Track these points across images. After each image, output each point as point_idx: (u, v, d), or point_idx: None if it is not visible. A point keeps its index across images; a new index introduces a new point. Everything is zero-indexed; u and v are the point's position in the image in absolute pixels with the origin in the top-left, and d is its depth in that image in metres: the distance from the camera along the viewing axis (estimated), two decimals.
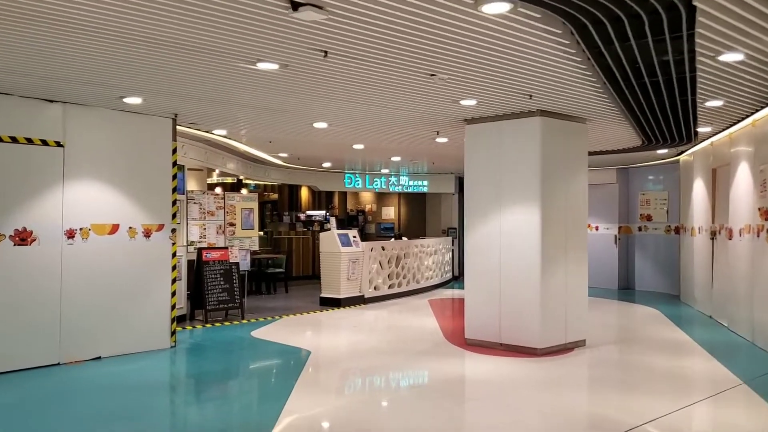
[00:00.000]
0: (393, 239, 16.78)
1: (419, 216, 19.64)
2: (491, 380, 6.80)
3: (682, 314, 11.52)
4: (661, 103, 7.36)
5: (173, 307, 8.30)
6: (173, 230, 8.29)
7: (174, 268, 8.31)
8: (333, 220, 12.41)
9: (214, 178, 20.18)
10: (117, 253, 7.75)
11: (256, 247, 11.42)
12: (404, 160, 14.25)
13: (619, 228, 15.66)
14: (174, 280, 8.31)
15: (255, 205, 11.38)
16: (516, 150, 8.15)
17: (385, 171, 17.25)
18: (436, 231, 18.83)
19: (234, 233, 10.95)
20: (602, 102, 7.32)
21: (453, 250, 17.51)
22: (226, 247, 10.53)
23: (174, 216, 8.33)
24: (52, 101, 7.24)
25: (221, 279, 10.28)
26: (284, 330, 9.73)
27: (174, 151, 8.35)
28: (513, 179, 8.16)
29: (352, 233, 12.62)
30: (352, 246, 12.34)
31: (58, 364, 7.25)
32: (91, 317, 7.53)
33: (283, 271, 14.37)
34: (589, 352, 8.15)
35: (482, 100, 7.22)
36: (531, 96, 7.03)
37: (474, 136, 8.56)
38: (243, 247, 11.05)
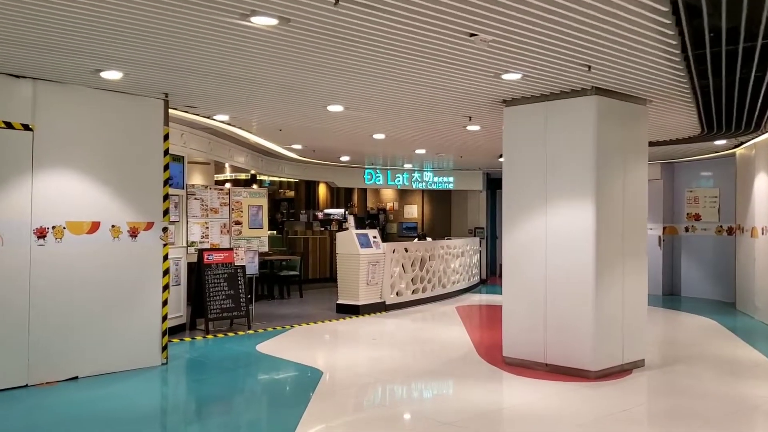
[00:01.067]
0: (416, 240, 15.57)
1: (444, 215, 18.38)
2: (539, 414, 5.56)
3: (743, 326, 10.16)
4: (744, 79, 6.08)
5: (165, 318, 7.17)
6: (164, 229, 7.16)
7: (166, 272, 7.19)
8: (351, 218, 11.25)
9: (227, 174, 19.17)
10: (97, 255, 6.64)
11: (266, 248, 10.29)
12: (429, 153, 13.02)
13: (664, 228, 14.30)
14: (166, 287, 7.18)
15: (264, 202, 10.24)
16: (565, 136, 6.90)
17: (407, 166, 16.04)
18: (462, 231, 17.58)
19: (240, 233, 9.83)
20: (674, 76, 6.05)
21: (480, 252, 16.26)
22: (231, 249, 9.41)
23: (166, 213, 7.21)
24: (19, 77, 6.15)
25: (225, 284, 9.16)
26: (294, 343, 8.57)
27: (166, 137, 7.22)
28: (562, 171, 6.91)
29: (372, 233, 11.44)
30: (372, 247, 11.16)
31: (26, 386, 6.15)
32: (66, 331, 6.43)
33: (298, 274, 13.23)
34: (650, 376, 6.89)
35: (529, 72, 5.98)
36: (590, 67, 5.78)
37: (514, 121, 7.32)
38: (250, 248, 9.92)
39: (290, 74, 6.10)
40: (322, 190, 20.47)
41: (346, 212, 19.56)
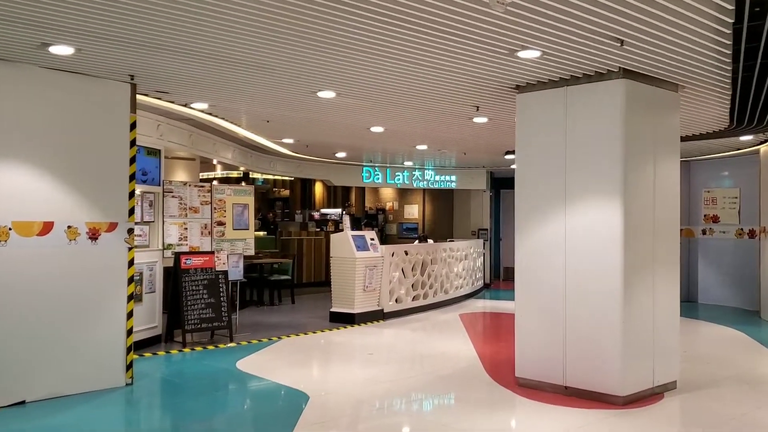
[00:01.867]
0: (417, 241, 14.69)
1: (446, 216, 17.50)
2: None
3: None
4: None
5: (130, 332, 6.29)
6: (130, 231, 6.29)
7: (131, 280, 6.31)
8: (347, 219, 10.36)
9: (217, 172, 18.30)
10: (50, 260, 5.76)
11: (252, 251, 9.41)
12: (431, 149, 12.13)
13: (680, 231, 13.40)
14: (131, 297, 6.31)
15: (250, 200, 9.36)
16: (588, 126, 6.02)
17: (408, 164, 15.16)
18: (465, 232, 16.70)
19: (223, 234, 8.95)
20: (716, 55, 5.17)
21: (484, 254, 15.38)
22: (212, 252, 8.52)
23: (132, 212, 6.33)
24: None
25: (205, 291, 8.28)
26: (280, 359, 7.70)
27: (133, 126, 6.34)
28: (584, 165, 6.03)
29: (370, 235, 10.57)
30: (369, 250, 10.28)
31: None
32: (11, 347, 5.54)
33: (290, 279, 12.35)
34: (684, 401, 6.00)
35: (550, 49, 5.10)
36: (622, 42, 4.90)
37: (529, 109, 6.44)
38: (235, 251, 9.04)
39: (272, 52, 5.21)
40: (318, 189, 19.59)
41: (344, 212, 18.69)
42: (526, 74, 5.98)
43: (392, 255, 10.71)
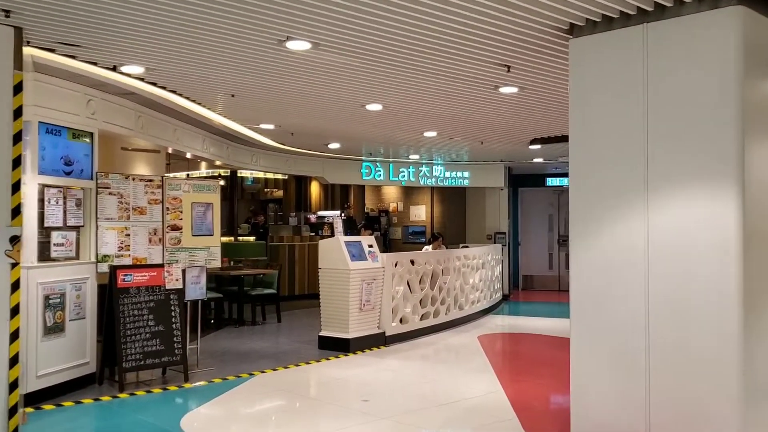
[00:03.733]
0: (427, 247, 12.72)
1: (458, 217, 15.47)
2: None
3: None
4: None
5: (13, 386, 4.35)
6: (14, 239, 4.35)
7: (16, 311, 4.38)
8: (339, 221, 8.41)
9: (202, 170, 16.40)
10: None
11: (217, 262, 7.47)
12: (441, 137, 10.16)
13: None
14: (15, 335, 4.37)
15: (215, 199, 7.41)
16: (683, 80, 4.05)
17: (413, 157, 13.18)
18: (480, 236, 14.72)
19: (179, 242, 7.03)
20: None
21: (502, 262, 13.41)
22: (162, 265, 6.58)
23: (16, 212, 4.40)
24: None
25: (150, 317, 6.34)
26: (244, 410, 5.76)
27: (18, 89, 4.42)
28: (677, 140, 4.06)
29: (368, 241, 8.62)
30: (366, 260, 8.33)
31: None
32: None
33: (275, 293, 10.40)
34: None
35: None
36: None
37: (589, 61, 4.47)
38: (195, 262, 7.11)
39: None
40: (314, 189, 17.67)
41: (342, 214, 16.75)
42: (585, 6, 4.02)
43: (395, 265, 8.75)
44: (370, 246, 8.56)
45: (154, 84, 6.33)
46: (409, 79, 6.02)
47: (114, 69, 5.68)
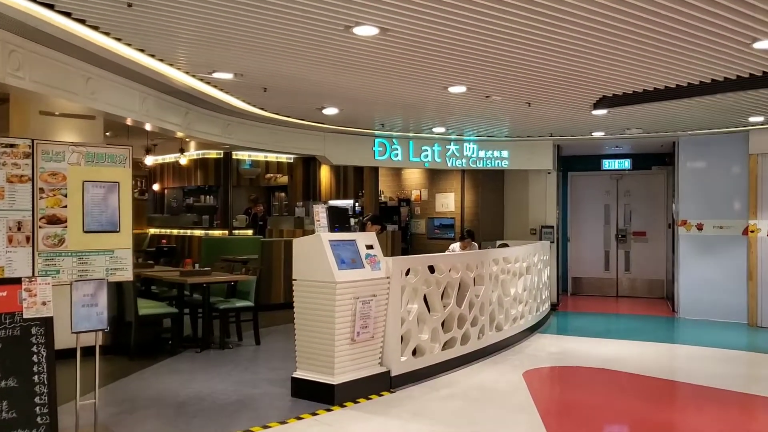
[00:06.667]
0: (454, 246, 10.05)
1: (495, 207, 12.66)
2: None
3: None
4: None
5: None
6: None
7: None
8: (322, 209, 5.77)
9: (192, 152, 13.95)
10: None
11: (127, 273, 4.86)
12: (472, 96, 7.43)
13: None
14: None
15: (124, 175, 4.76)
16: None
17: (439, 131, 10.48)
18: (522, 232, 11.98)
19: (62, 242, 4.49)
20: None
21: (550, 263, 10.69)
22: (18, 281, 4.06)
23: None
24: None
25: None
26: None
27: None
28: None
29: (366, 239, 6.01)
30: (363, 267, 5.73)
31: None
32: None
33: (252, 306, 7.87)
34: None
35: None
36: None
37: None
38: (89, 274, 4.57)
39: None
40: (324, 175, 15.11)
41: (356, 203, 14.14)
42: None
43: (406, 273, 6.13)
44: (370, 246, 5.95)
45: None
46: None
47: None
